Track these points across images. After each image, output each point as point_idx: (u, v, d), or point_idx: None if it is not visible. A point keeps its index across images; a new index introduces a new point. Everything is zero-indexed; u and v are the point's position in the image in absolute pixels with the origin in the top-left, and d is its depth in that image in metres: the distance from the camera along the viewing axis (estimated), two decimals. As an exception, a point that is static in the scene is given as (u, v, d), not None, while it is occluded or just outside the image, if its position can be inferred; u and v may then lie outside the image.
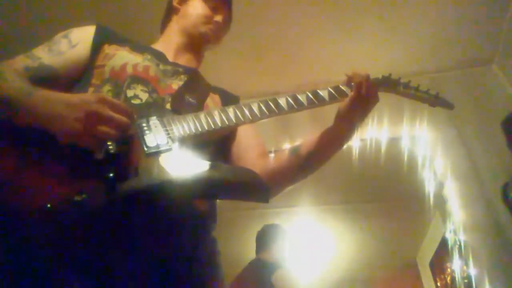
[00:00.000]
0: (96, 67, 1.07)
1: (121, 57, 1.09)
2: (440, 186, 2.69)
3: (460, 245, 2.48)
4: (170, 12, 1.34)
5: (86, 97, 0.82)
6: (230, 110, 0.99)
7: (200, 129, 0.93)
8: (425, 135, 2.78)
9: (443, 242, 3.33)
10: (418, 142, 2.82)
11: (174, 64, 1.17)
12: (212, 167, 0.82)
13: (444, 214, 2.88)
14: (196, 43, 1.27)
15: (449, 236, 2.74)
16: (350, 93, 1.04)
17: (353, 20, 2.46)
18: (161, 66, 1.13)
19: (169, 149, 0.85)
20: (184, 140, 0.90)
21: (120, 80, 1.03)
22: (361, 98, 1.02)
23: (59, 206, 0.72)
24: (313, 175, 1.11)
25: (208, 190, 0.83)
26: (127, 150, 0.81)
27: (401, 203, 3.70)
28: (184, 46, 1.25)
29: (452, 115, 2.70)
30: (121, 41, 1.15)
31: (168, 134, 0.88)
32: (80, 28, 1.13)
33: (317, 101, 1.06)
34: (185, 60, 1.23)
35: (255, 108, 1.01)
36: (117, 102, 0.84)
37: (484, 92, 2.57)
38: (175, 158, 0.84)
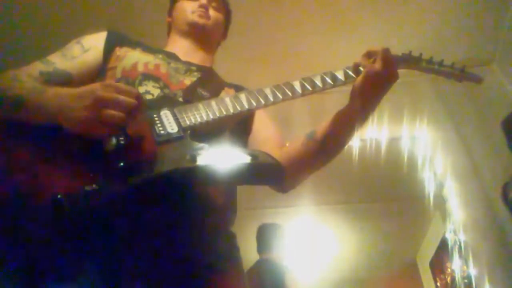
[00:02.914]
0: (109, 69, 1.09)
1: (132, 57, 1.10)
2: (440, 186, 2.69)
3: (460, 245, 2.49)
4: (169, 28, 1.37)
5: (91, 85, 0.83)
6: (242, 96, 0.98)
7: (211, 116, 0.92)
8: (425, 135, 2.78)
9: (443, 242, 3.33)
10: (418, 142, 2.83)
11: (187, 63, 1.17)
12: (224, 152, 0.82)
13: (444, 214, 2.89)
14: (195, 37, 1.25)
15: (449, 236, 2.75)
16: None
17: (353, 19, 2.46)
18: (172, 64, 1.14)
19: (180, 137, 0.85)
20: (196, 128, 0.90)
21: (131, 79, 1.04)
22: (377, 70, 0.96)
23: (70, 196, 0.72)
24: (313, 175, 1.10)
25: (222, 175, 0.82)
26: (138, 140, 0.81)
27: (401, 203, 3.71)
28: (190, 47, 1.25)
29: (452, 115, 2.71)
30: (132, 44, 1.16)
31: (179, 123, 0.88)
32: (92, 34, 1.15)
33: (332, 81, 1.01)
34: (196, 59, 1.22)
35: (268, 92, 0.98)
36: (123, 85, 0.84)
37: (484, 92, 2.57)
38: (187, 146, 0.83)
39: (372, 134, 2.77)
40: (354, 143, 2.76)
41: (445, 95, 2.70)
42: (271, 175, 0.87)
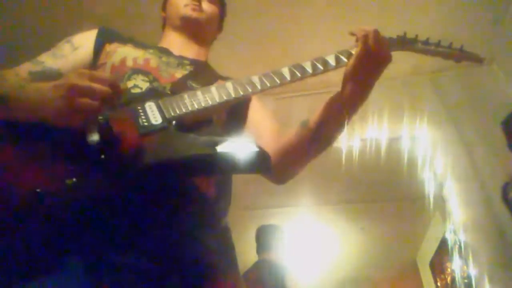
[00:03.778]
0: (99, 66, 1.08)
1: (122, 52, 1.09)
2: (440, 186, 2.69)
3: (460, 245, 2.48)
4: (163, 23, 1.35)
5: (66, 74, 0.83)
6: (228, 85, 0.95)
7: (196, 106, 0.90)
8: (425, 135, 2.78)
9: (443, 242, 3.33)
10: (418, 142, 2.82)
11: (180, 57, 1.15)
12: (207, 142, 0.79)
13: (444, 214, 2.88)
14: (188, 31, 1.24)
15: (449, 236, 2.74)
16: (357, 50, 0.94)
17: (353, 17, 2.46)
18: (164, 58, 1.12)
19: (163, 128, 0.83)
20: (182, 119, 0.88)
21: (120, 74, 1.03)
22: (368, 52, 0.92)
23: (49, 190, 0.72)
24: (314, 175, 1.09)
25: (206, 166, 0.80)
26: (121, 133, 0.80)
27: (401, 203, 3.71)
28: (183, 41, 1.24)
29: (452, 115, 2.70)
30: (123, 40, 1.15)
31: (163, 114, 0.87)
32: (82, 33, 1.15)
33: (322, 66, 0.98)
34: (190, 53, 1.21)
35: (255, 80, 0.96)
36: (97, 73, 0.83)
37: (484, 92, 2.57)
38: (172, 136, 0.82)
39: (372, 134, 2.77)
40: (354, 143, 2.76)
41: (445, 95, 2.70)
42: (257, 162, 0.82)
